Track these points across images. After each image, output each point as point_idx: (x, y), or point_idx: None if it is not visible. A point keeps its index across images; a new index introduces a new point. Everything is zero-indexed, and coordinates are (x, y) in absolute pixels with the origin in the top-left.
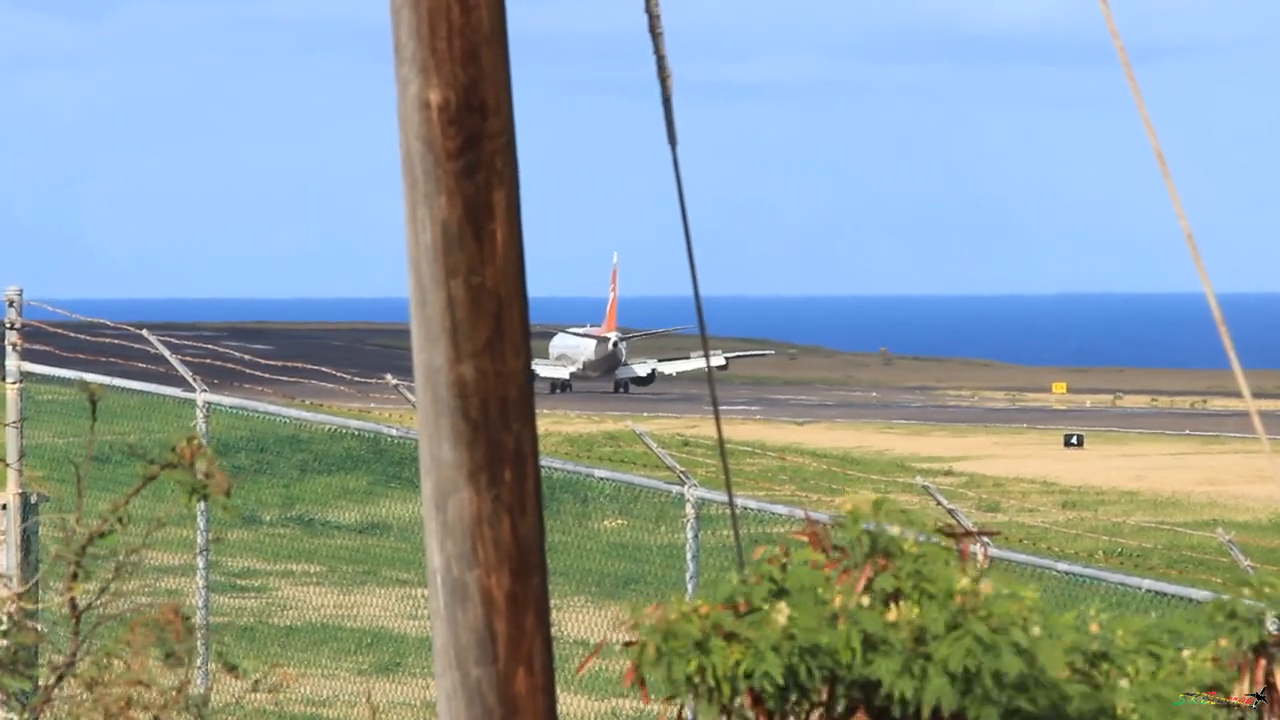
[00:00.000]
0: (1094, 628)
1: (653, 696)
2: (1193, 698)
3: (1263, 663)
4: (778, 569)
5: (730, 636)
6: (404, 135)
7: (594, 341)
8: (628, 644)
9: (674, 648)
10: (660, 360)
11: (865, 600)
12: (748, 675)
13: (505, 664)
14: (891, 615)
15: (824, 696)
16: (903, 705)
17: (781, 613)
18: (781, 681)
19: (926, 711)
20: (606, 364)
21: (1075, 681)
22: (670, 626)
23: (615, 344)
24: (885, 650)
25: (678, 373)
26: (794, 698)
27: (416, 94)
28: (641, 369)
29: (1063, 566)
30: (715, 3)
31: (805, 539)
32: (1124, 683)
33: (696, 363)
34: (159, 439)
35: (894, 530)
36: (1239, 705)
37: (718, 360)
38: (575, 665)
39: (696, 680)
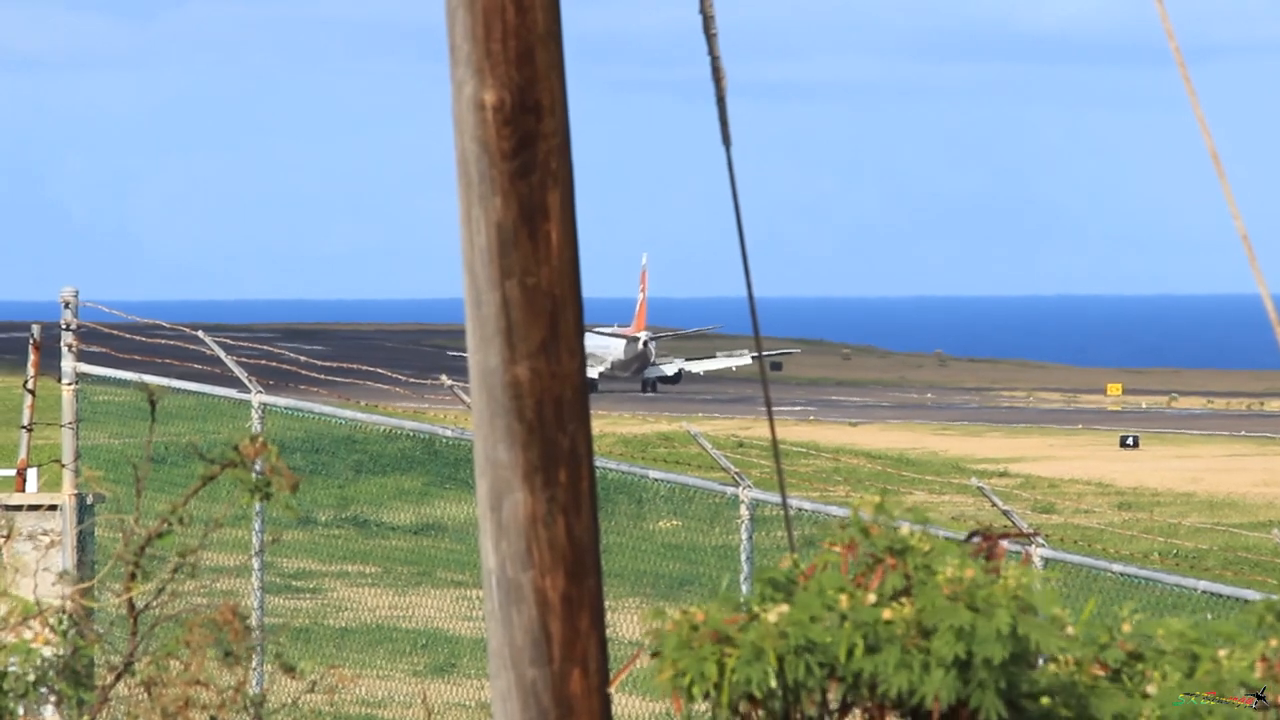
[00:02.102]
0: (1126, 627)
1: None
2: (1195, 699)
3: None
4: (784, 573)
5: (724, 641)
6: (459, 136)
7: (624, 341)
8: (654, 654)
9: (665, 658)
10: (688, 360)
11: (872, 599)
12: (740, 680)
13: (560, 665)
14: (887, 613)
15: (828, 695)
16: (907, 700)
17: (774, 612)
18: (774, 684)
19: (930, 702)
20: (636, 363)
21: (1106, 681)
22: (666, 636)
23: (645, 344)
24: (883, 645)
25: (705, 371)
26: (793, 699)
27: (471, 95)
28: (669, 368)
29: (1118, 568)
30: (770, 2)
31: (837, 549)
32: (1151, 688)
33: (724, 362)
34: (215, 440)
35: (905, 529)
36: (1276, 707)
37: (745, 360)
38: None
39: (697, 690)
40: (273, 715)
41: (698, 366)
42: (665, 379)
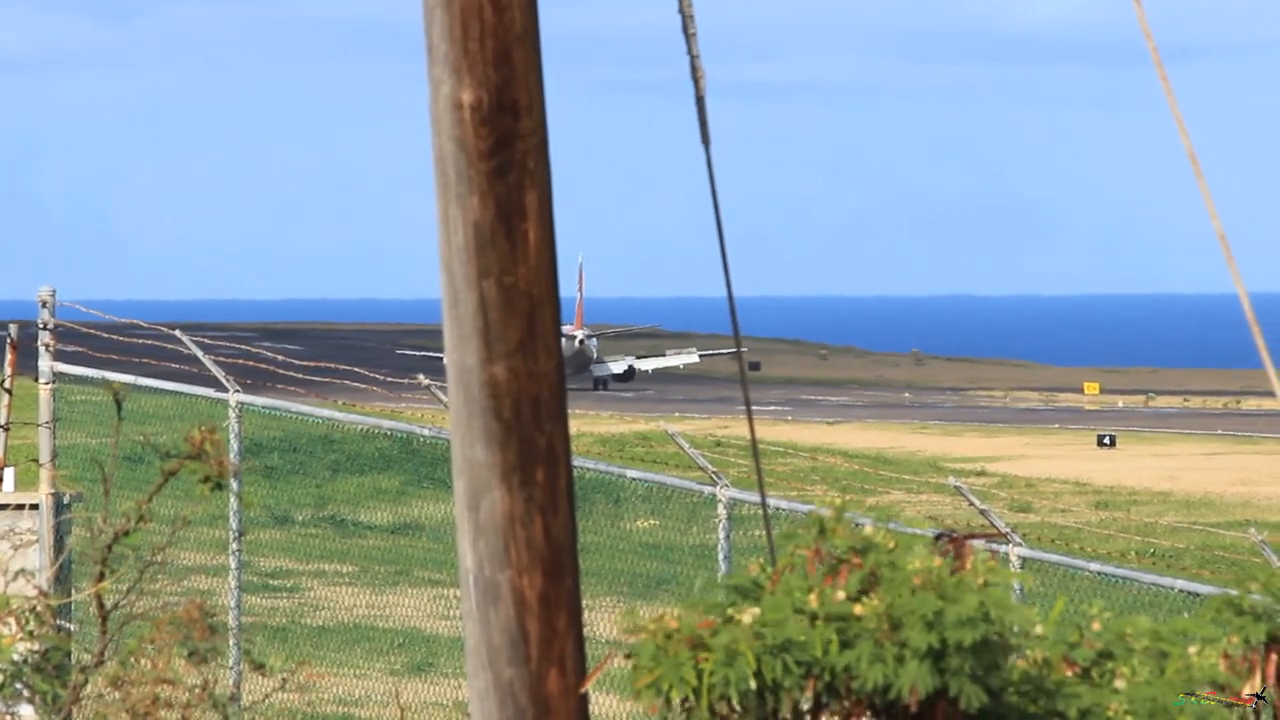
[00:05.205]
0: (1095, 625)
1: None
2: (1192, 698)
3: (1274, 658)
4: (753, 576)
5: (700, 646)
6: (436, 136)
7: (561, 339)
8: (627, 655)
9: (642, 666)
10: (637, 358)
11: (841, 596)
12: (719, 684)
13: (538, 664)
14: (859, 609)
15: (808, 694)
16: (883, 694)
17: (748, 614)
18: (753, 684)
19: (906, 694)
20: (575, 362)
21: (1074, 680)
22: (642, 644)
23: (582, 341)
24: (857, 640)
25: (653, 369)
26: (771, 700)
27: (449, 94)
28: (617, 366)
29: (1095, 567)
30: (751, 2)
31: (803, 552)
32: (1119, 683)
33: (672, 360)
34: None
35: (868, 528)
36: (1242, 705)
37: (693, 358)
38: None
39: (675, 695)
40: (247, 713)
41: (646, 364)
42: (616, 377)
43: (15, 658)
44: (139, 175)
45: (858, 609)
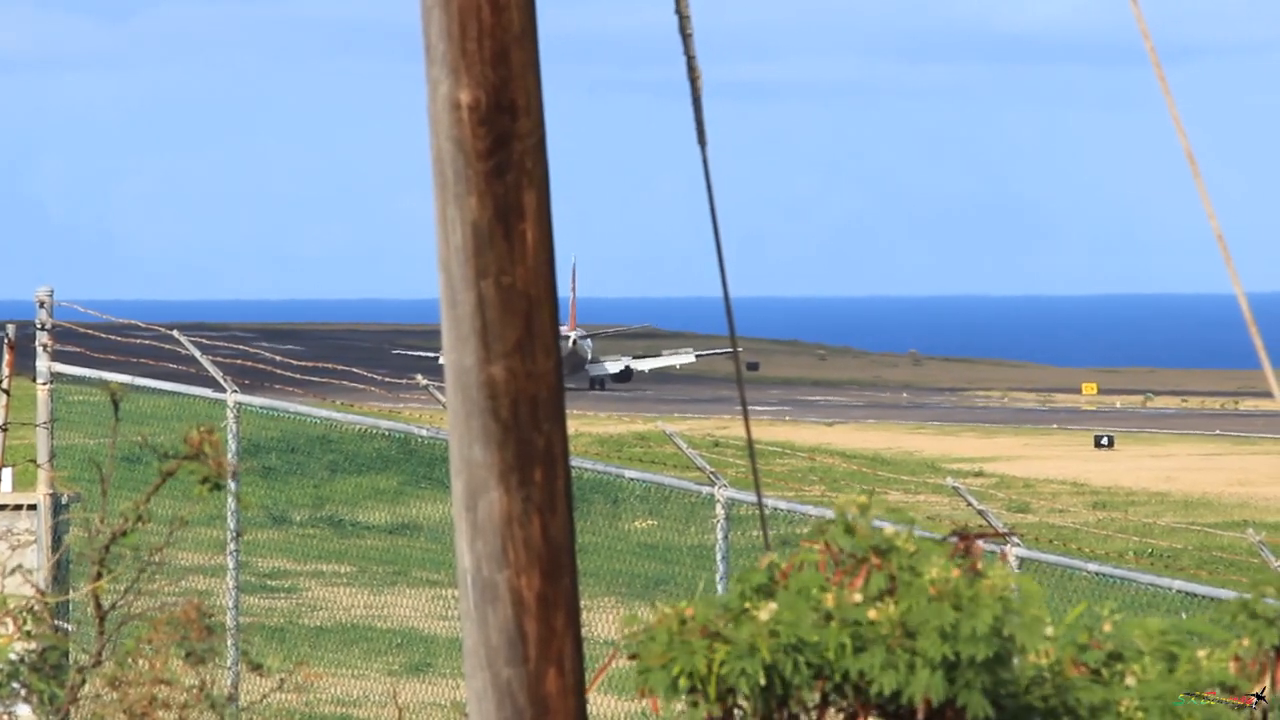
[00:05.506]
0: (1107, 627)
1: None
2: (1193, 698)
3: None
4: (768, 572)
5: (714, 636)
6: (434, 136)
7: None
8: (632, 656)
9: (654, 651)
10: (634, 358)
11: (858, 598)
12: (731, 675)
13: (536, 664)
14: (873, 613)
15: (816, 694)
16: (894, 700)
17: (765, 610)
18: (764, 680)
19: (918, 701)
20: (569, 362)
21: (1084, 680)
22: (654, 631)
23: (575, 342)
24: (869, 645)
25: (650, 369)
26: (778, 697)
27: (447, 94)
28: (613, 366)
29: (1093, 567)
30: (748, 2)
31: (817, 548)
32: (1130, 680)
33: (668, 360)
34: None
35: (889, 529)
36: (1249, 706)
37: (690, 359)
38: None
39: (684, 683)
40: (244, 713)
41: (643, 365)
42: (614, 377)
43: (12, 657)
44: (138, 175)
45: (872, 613)
